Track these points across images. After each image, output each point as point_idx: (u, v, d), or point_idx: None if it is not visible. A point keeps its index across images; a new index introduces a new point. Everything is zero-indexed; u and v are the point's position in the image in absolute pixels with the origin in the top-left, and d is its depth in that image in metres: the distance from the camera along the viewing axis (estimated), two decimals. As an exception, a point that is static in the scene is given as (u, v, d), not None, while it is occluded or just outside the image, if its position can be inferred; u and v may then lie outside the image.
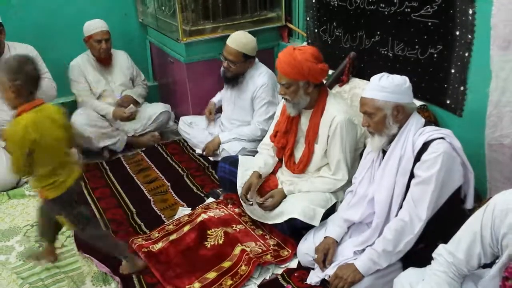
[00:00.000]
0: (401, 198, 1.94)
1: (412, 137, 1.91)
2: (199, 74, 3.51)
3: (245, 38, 3.03)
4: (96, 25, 3.43)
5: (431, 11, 2.25)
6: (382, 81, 1.91)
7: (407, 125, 1.93)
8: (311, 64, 2.28)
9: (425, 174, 1.82)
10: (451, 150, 1.82)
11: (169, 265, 2.30)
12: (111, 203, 2.92)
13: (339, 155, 2.37)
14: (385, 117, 1.92)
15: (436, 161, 1.80)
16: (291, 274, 2.26)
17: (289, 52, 2.30)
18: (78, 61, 3.52)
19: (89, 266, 2.37)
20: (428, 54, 2.34)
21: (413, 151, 1.89)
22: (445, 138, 1.83)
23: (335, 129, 2.33)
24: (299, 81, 2.31)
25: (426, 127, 1.91)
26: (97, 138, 3.41)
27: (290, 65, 2.28)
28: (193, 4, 3.41)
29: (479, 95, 2.07)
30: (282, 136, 2.54)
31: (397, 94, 1.90)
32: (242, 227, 2.55)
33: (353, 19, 2.75)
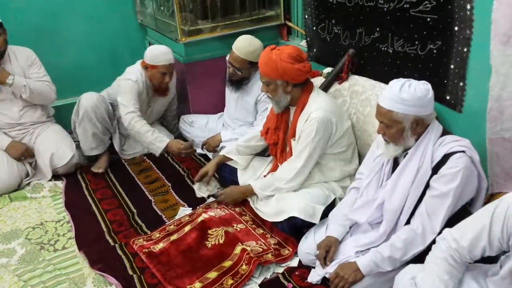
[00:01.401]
0: (412, 208, 1.91)
1: (432, 148, 1.85)
2: (198, 74, 3.51)
3: (252, 46, 2.98)
4: (164, 57, 3.09)
5: (429, 7, 2.23)
6: (403, 92, 1.79)
7: (426, 134, 1.87)
8: (286, 64, 2.29)
9: (443, 188, 1.78)
10: (471, 164, 1.79)
11: (170, 265, 2.30)
12: (112, 204, 2.92)
13: (302, 145, 2.38)
14: (403, 130, 1.85)
15: (456, 177, 1.76)
16: (292, 272, 2.25)
17: (267, 51, 2.36)
18: (138, 79, 3.13)
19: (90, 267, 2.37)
20: (427, 50, 2.32)
21: (432, 162, 1.84)
22: (466, 151, 1.79)
23: (308, 123, 2.35)
24: (276, 80, 2.35)
25: (446, 137, 1.86)
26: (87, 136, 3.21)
27: (266, 65, 2.33)
28: (191, 4, 3.40)
29: (478, 91, 2.06)
30: (273, 132, 2.58)
31: (418, 107, 1.80)
32: (243, 226, 2.55)
33: (352, 16, 2.73)
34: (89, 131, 3.19)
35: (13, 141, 3.15)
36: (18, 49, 3.19)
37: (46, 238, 2.62)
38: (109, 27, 3.54)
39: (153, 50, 3.12)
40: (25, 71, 3.16)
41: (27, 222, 2.77)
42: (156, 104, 3.43)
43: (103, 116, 3.20)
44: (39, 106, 3.27)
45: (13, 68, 3.12)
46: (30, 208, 2.92)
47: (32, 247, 2.54)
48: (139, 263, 2.35)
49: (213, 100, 3.60)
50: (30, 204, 2.96)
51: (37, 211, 2.88)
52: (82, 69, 3.87)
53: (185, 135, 3.57)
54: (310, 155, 2.37)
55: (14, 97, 3.13)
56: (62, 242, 2.58)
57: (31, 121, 3.24)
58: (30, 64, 3.19)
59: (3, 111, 3.14)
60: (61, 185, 3.14)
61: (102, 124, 3.22)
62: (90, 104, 3.13)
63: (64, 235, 2.65)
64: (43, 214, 2.85)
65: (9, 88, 3.06)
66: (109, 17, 3.85)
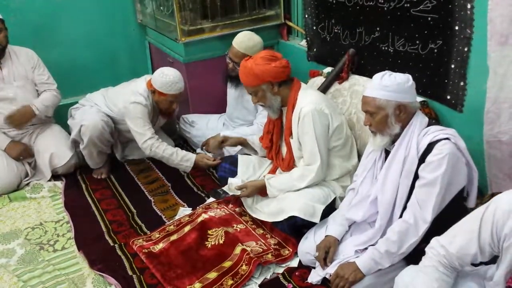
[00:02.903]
0: (405, 200, 1.92)
1: (417, 138, 1.88)
2: (198, 74, 3.50)
3: (252, 41, 2.99)
4: (175, 86, 2.93)
5: (430, 6, 2.23)
6: (384, 80, 1.88)
7: (411, 125, 1.91)
8: (262, 66, 2.35)
9: (430, 176, 1.80)
10: (456, 151, 1.80)
11: (170, 265, 2.29)
12: (112, 204, 2.92)
13: (311, 145, 2.37)
14: (387, 116, 1.90)
15: (442, 163, 1.78)
16: (292, 273, 2.24)
17: (243, 63, 2.43)
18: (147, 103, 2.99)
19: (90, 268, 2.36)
20: (428, 49, 2.32)
21: (418, 152, 1.87)
22: (450, 138, 1.80)
23: (302, 120, 2.35)
24: (261, 85, 2.39)
25: (431, 127, 1.89)
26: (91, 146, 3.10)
27: (245, 75, 2.40)
28: (191, 4, 3.40)
29: (479, 91, 2.05)
30: (266, 136, 2.62)
31: (399, 93, 1.87)
32: (243, 226, 2.54)
33: (352, 15, 2.73)
34: (94, 153, 3.13)
35: (12, 141, 3.15)
36: (19, 49, 3.19)
37: (45, 239, 2.61)
38: (108, 27, 3.53)
39: (164, 78, 2.90)
40: (28, 72, 3.18)
41: (26, 223, 2.76)
42: (160, 121, 3.36)
43: (107, 139, 3.14)
44: None
45: (14, 67, 3.12)
46: (29, 208, 2.91)
47: (31, 248, 2.53)
48: (138, 263, 2.35)
49: (213, 100, 3.59)
50: (29, 204, 2.95)
51: (36, 211, 2.88)
52: (81, 69, 3.86)
53: (185, 135, 3.57)
54: (319, 149, 2.36)
55: (14, 97, 3.13)
56: (62, 243, 2.57)
57: (30, 122, 3.24)
58: (34, 66, 3.20)
59: (3, 111, 3.13)
60: (61, 185, 3.14)
61: (106, 145, 3.17)
62: (96, 134, 3.01)
63: (63, 235, 2.64)
64: (42, 214, 2.85)
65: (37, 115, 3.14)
66: (109, 17, 3.84)
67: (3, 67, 3.10)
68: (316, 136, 2.34)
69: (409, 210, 1.88)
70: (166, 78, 2.90)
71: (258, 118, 3.14)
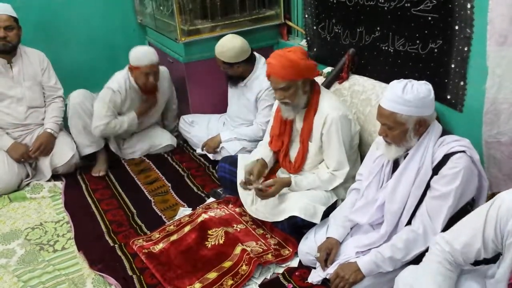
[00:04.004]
0: (413, 209, 1.91)
1: (432, 148, 1.84)
2: (198, 74, 3.50)
3: (224, 47, 2.98)
4: (147, 57, 3.10)
5: (430, 6, 2.22)
6: (407, 94, 1.77)
7: (427, 135, 1.86)
8: (304, 61, 2.28)
9: (444, 189, 1.78)
10: (471, 164, 1.78)
11: (170, 266, 2.29)
12: (112, 205, 2.92)
13: (339, 152, 2.35)
14: (406, 131, 1.83)
15: (457, 177, 1.75)
16: (292, 273, 2.24)
17: (281, 54, 2.29)
18: (120, 87, 3.16)
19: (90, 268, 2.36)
20: (429, 49, 2.31)
21: (432, 163, 1.83)
22: (466, 151, 1.78)
23: (329, 126, 2.32)
24: (297, 81, 2.30)
25: (446, 137, 1.85)
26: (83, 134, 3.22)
27: (285, 67, 2.25)
28: (191, 4, 3.39)
29: (479, 91, 2.04)
30: (277, 139, 2.54)
31: (421, 108, 1.79)
32: (243, 226, 2.54)
33: (352, 15, 2.72)
34: (79, 125, 3.20)
35: (15, 143, 3.15)
36: (31, 51, 3.23)
37: (45, 239, 2.61)
38: (108, 27, 3.53)
39: (135, 52, 3.11)
40: (37, 75, 3.21)
41: (26, 223, 2.76)
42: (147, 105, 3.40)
43: (90, 111, 3.20)
44: (43, 109, 3.28)
45: (24, 67, 3.15)
46: (29, 208, 2.91)
47: (31, 248, 2.53)
48: (138, 263, 2.35)
49: (213, 100, 3.59)
50: (29, 204, 2.95)
51: (36, 211, 2.88)
52: (81, 69, 3.86)
53: (185, 135, 3.56)
54: (347, 156, 2.36)
55: (22, 97, 3.15)
56: (62, 243, 2.57)
57: (35, 122, 3.25)
58: (44, 69, 3.24)
59: (9, 111, 3.14)
60: (61, 186, 3.14)
61: (90, 119, 3.20)
62: (77, 101, 3.17)
63: (63, 235, 2.64)
64: (42, 214, 2.84)
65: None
66: (109, 17, 3.84)
67: (13, 66, 3.12)
68: (344, 143, 2.33)
69: (418, 220, 1.86)
70: (137, 51, 3.13)
71: (258, 118, 3.14)
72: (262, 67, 3.07)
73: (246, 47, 3.03)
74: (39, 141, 3.13)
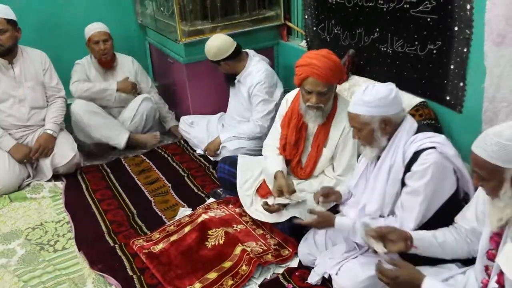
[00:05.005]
0: (390, 208, 1.94)
1: (403, 147, 1.87)
2: (198, 74, 3.51)
3: (207, 46, 3.10)
4: (92, 26, 3.42)
5: (429, 7, 2.24)
6: (366, 95, 1.85)
7: (397, 134, 1.90)
8: (341, 64, 2.28)
9: (415, 184, 1.82)
10: (443, 160, 1.79)
11: (170, 266, 2.30)
12: (112, 205, 2.92)
13: (350, 158, 2.37)
14: (372, 131, 1.88)
15: (426, 173, 1.78)
16: (292, 273, 2.25)
17: (326, 56, 2.23)
18: (83, 61, 3.54)
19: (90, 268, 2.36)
20: (427, 50, 2.32)
21: (404, 161, 1.86)
22: (437, 147, 1.79)
23: (347, 133, 2.32)
24: (334, 84, 2.30)
25: (419, 135, 1.87)
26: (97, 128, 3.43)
27: (331, 70, 2.20)
28: (191, 5, 3.41)
29: (478, 91, 2.06)
30: (293, 148, 2.48)
31: (383, 107, 1.84)
32: (242, 227, 2.55)
33: (351, 16, 2.73)
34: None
35: (17, 144, 3.15)
36: (32, 51, 3.23)
37: (46, 239, 2.62)
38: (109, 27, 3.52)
39: (86, 27, 3.43)
40: (39, 75, 3.21)
41: (27, 223, 2.77)
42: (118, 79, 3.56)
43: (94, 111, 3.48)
44: (45, 109, 3.29)
45: (26, 67, 3.15)
46: (30, 208, 2.91)
47: (32, 248, 2.54)
48: (139, 263, 2.35)
49: (213, 100, 3.60)
50: (30, 204, 2.96)
51: (37, 211, 2.88)
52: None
53: (185, 136, 3.57)
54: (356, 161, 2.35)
55: (23, 98, 3.15)
56: (62, 243, 2.58)
57: (37, 123, 3.26)
58: (46, 69, 3.24)
59: (12, 112, 3.15)
60: (61, 186, 3.14)
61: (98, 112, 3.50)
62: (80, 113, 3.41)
63: (64, 235, 2.64)
64: (43, 214, 2.85)
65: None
66: (109, 18, 3.83)
67: (15, 66, 3.12)
68: (356, 150, 2.34)
69: (397, 211, 1.90)
70: (86, 27, 3.44)
71: (254, 114, 3.14)
72: (256, 63, 3.13)
73: (227, 45, 3.07)
74: (38, 143, 3.14)
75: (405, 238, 1.72)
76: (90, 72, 3.54)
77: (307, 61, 2.23)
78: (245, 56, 3.17)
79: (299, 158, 2.50)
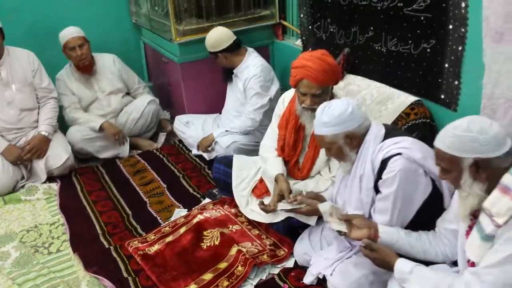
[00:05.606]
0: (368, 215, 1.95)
1: (371, 156, 1.88)
2: (193, 74, 3.50)
3: (207, 36, 3.13)
4: (66, 32, 3.27)
5: (423, 5, 2.23)
6: (324, 116, 1.89)
7: (364, 144, 1.91)
8: (337, 66, 2.28)
9: (385, 191, 1.83)
10: (410, 164, 1.78)
11: (165, 267, 2.29)
12: (107, 206, 2.91)
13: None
14: (340, 148, 1.92)
15: (394, 180, 1.79)
16: (288, 273, 2.24)
17: (321, 58, 2.21)
18: (62, 74, 3.42)
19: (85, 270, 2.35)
20: (421, 49, 2.31)
21: (373, 170, 1.87)
22: (402, 153, 1.79)
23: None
24: (329, 85, 2.29)
25: (386, 141, 1.87)
26: (97, 152, 3.42)
27: (326, 72, 2.19)
28: (186, 4, 3.39)
29: (473, 89, 2.05)
30: (291, 149, 2.46)
31: (342, 124, 1.87)
32: (238, 227, 2.54)
33: (346, 15, 2.72)
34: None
35: (10, 145, 3.13)
36: (20, 51, 3.17)
37: (40, 241, 2.60)
38: (103, 27, 3.52)
39: (60, 33, 3.28)
40: (28, 76, 3.16)
41: (21, 225, 2.75)
42: (100, 84, 3.46)
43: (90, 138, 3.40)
44: (36, 110, 3.26)
45: (13, 69, 3.10)
46: (24, 210, 2.90)
47: (26, 250, 2.52)
48: (134, 265, 2.34)
49: (208, 100, 3.58)
50: (24, 206, 2.94)
51: (31, 213, 2.86)
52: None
53: (180, 135, 3.56)
54: None
55: (11, 100, 3.12)
56: (57, 245, 2.56)
57: (28, 126, 3.23)
58: (35, 70, 3.20)
59: (1, 115, 3.12)
60: (56, 187, 3.12)
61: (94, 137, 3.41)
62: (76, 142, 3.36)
63: (58, 237, 2.63)
64: (37, 216, 2.83)
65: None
66: (103, 18, 3.83)
67: (1, 68, 3.07)
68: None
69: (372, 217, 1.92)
70: (61, 32, 3.29)
71: (247, 107, 3.12)
72: (253, 59, 3.13)
73: (226, 36, 3.10)
74: (32, 144, 3.11)
75: (369, 227, 1.82)
76: (72, 85, 3.40)
77: (302, 63, 2.22)
78: (243, 51, 3.18)
79: (297, 159, 2.49)
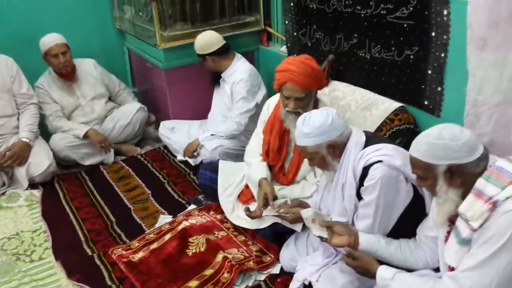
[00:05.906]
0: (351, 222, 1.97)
1: (352, 164, 1.90)
2: (178, 79, 3.49)
3: (196, 39, 3.15)
4: (49, 39, 3.22)
5: (406, 13, 2.26)
6: (305, 127, 1.90)
7: (345, 153, 1.93)
8: (320, 70, 2.29)
9: (367, 198, 1.85)
10: (390, 172, 1.80)
11: (150, 274, 2.26)
12: (91, 213, 2.87)
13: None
14: (323, 157, 1.94)
15: (375, 187, 1.81)
16: (274, 279, 2.23)
17: (304, 62, 2.23)
18: (43, 82, 3.36)
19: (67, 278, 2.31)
20: (404, 56, 2.34)
21: (355, 177, 1.89)
22: (383, 160, 1.81)
23: None
24: (313, 90, 2.30)
25: (367, 149, 1.89)
26: (81, 159, 3.37)
27: (308, 76, 2.20)
28: (170, 9, 3.38)
29: (456, 95, 2.08)
30: (276, 154, 2.47)
31: (323, 134, 1.89)
32: (224, 233, 2.52)
33: (331, 22, 2.75)
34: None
35: None
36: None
37: (22, 249, 2.56)
38: (86, 33, 3.48)
39: (41, 39, 3.24)
40: (7, 83, 3.12)
41: (2, 232, 2.70)
42: (82, 90, 3.43)
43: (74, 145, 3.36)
44: (15, 116, 3.21)
45: None
46: (5, 217, 2.84)
47: (7, 258, 2.48)
48: (118, 273, 2.31)
49: (194, 106, 3.58)
50: (5, 213, 2.88)
51: (13, 220, 2.81)
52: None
53: (165, 141, 3.53)
54: None
55: None
56: (39, 253, 2.52)
57: (8, 132, 3.18)
58: (14, 76, 3.15)
59: None
60: (38, 194, 3.07)
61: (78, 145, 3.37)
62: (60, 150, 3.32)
63: (40, 245, 2.59)
64: (19, 224, 2.78)
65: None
66: (87, 24, 3.80)
67: None
68: None
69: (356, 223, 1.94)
70: (42, 39, 3.24)
71: (233, 111, 3.12)
72: (242, 64, 3.15)
73: (215, 40, 3.12)
74: (13, 151, 3.06)
75: (350, 234, 1.86)
76: (53, 94, 3.36)
77: (285, 67, 2.24)
78: (231, 56, 3.19)
79: (282, 164, 2.49)
